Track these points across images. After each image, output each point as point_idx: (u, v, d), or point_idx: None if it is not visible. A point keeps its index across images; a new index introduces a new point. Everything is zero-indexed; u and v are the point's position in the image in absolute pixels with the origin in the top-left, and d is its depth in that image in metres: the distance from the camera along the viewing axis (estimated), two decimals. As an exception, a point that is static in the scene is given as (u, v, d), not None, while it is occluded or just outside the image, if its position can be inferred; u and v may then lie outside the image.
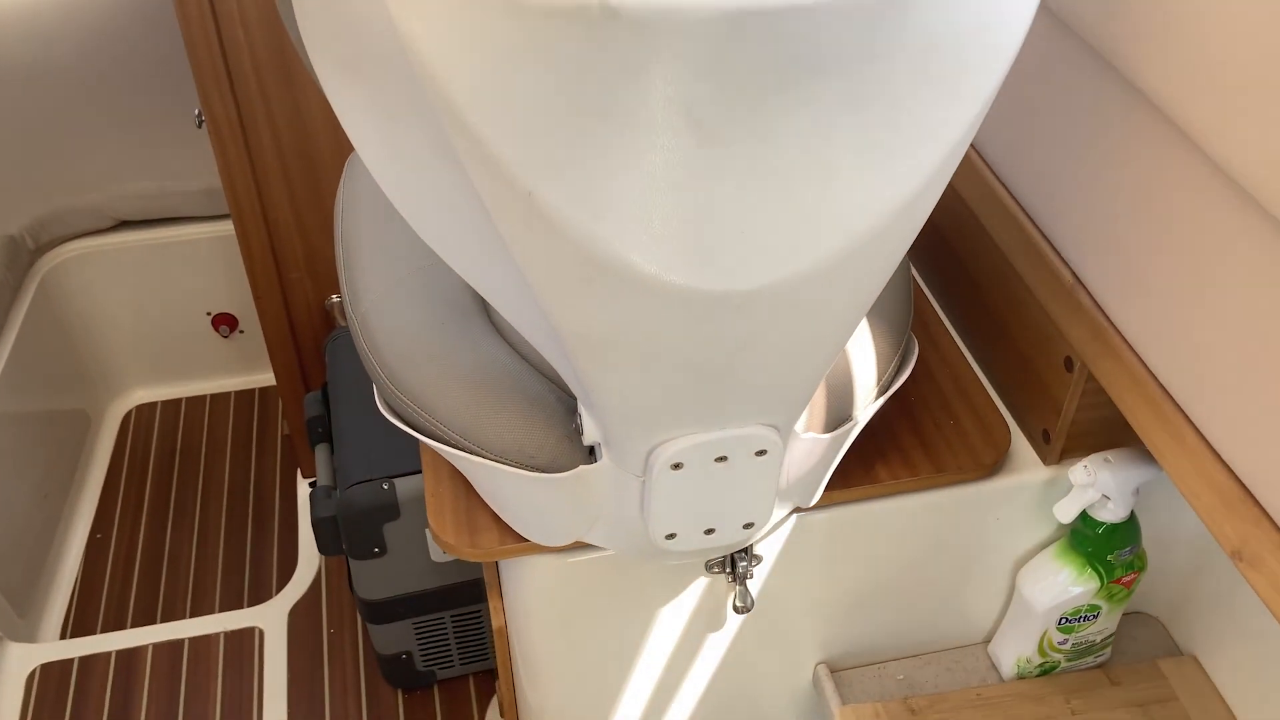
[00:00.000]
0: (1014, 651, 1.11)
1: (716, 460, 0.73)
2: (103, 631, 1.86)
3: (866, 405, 0.87)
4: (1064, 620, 1.06)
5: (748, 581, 0.96)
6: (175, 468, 2.26)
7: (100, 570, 2.01)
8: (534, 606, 0.99)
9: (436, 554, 1.51)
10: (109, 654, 1.75)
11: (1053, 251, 0.93)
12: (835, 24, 0.50)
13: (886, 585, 1.10)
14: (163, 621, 1.87)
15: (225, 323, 2.38)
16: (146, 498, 2.19)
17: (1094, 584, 1.03)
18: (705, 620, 1.05)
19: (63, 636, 1.87)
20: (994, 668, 1.15)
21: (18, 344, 2.00)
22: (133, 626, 1.86)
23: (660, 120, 0.54)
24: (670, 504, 0.77)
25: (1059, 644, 1.09)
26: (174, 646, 1.77)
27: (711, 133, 0.55)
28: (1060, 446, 1.01)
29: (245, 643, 1.78)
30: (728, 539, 0.81)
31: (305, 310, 1.86)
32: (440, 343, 0.86)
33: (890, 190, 0.60)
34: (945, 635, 1.16)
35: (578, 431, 0.79)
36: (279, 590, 1.93)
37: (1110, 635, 1.11)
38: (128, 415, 2.41)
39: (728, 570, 0.98)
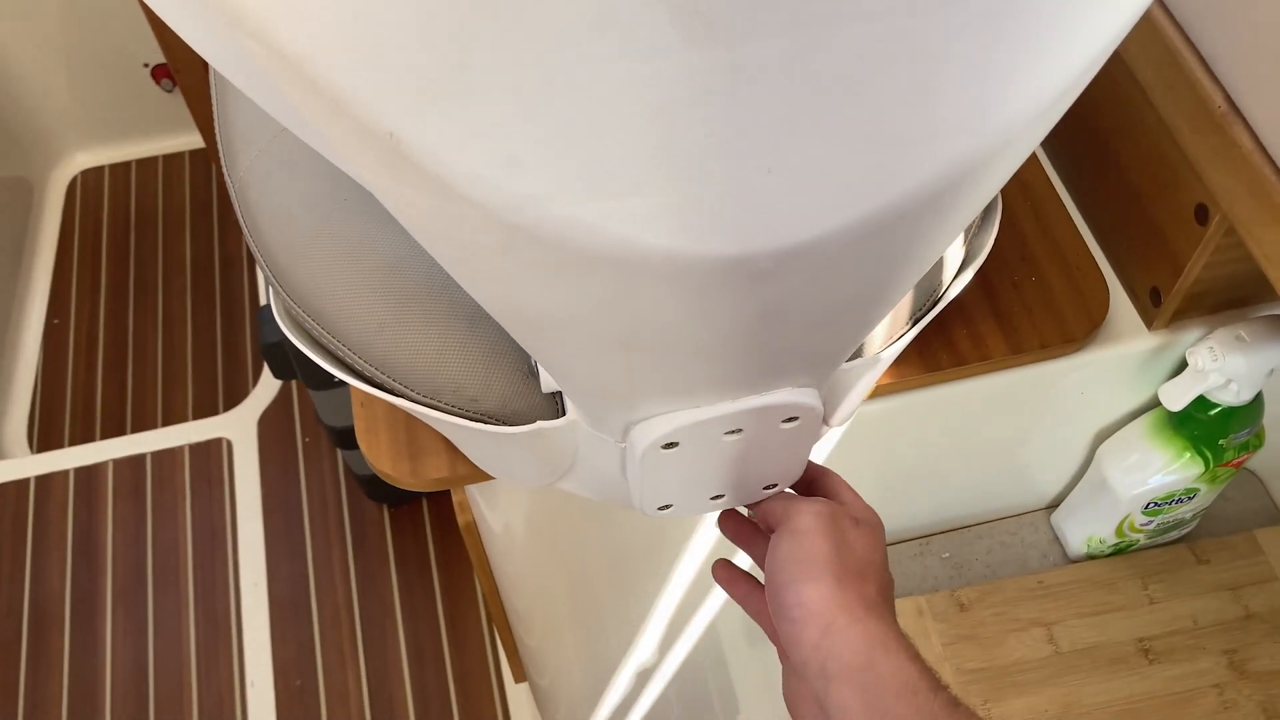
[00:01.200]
0: (1085, 529, 0.93)
1: (728, 434, 0.51)
2: (70, 436, 1.71)
3: (947, 288, 0.63)
4: (1151, 505, 0.87)
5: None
6: (131, 241, 2.04)
7: (61, 362, 1.84)
8: (503, 531, 0.81)
9: (408, 378, 1.32)
10: (66, 473, 1.61)
11: (1199, 65, 0.66)
12: None
13: (935, 464, 0.90)
14: (134, 422, 1.72)
15: (166, 75, 2.08)
16: (104, 277, 1.99)
17: (1196, 469, 0.83)
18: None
19: (29, 439, 1.73)
20: (1057, 541, 0.97)
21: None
22: (102, 433, 1.71)
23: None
24: (662, 482, 0.55)
25: (1142, 525, 0.90)
26: (135, 463, 1.62)
27: (714, 23, 0.29)
28: (1173, 309, 0.78)
29: (212, 456, 1.63)
30: (742, 501, 0.60)
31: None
32: (344, 228, 0.62)
33: (1034, 78, 0.35)
34: (1001, 505, 0.98)
35: (532, 373, 0.57)
36: (256, 381, 1.76)
37: (1203, 509, 0.92)
38: (73, 182, 2.16)
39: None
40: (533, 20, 0.29)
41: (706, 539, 0.88)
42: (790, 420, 0.52)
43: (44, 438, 1.74)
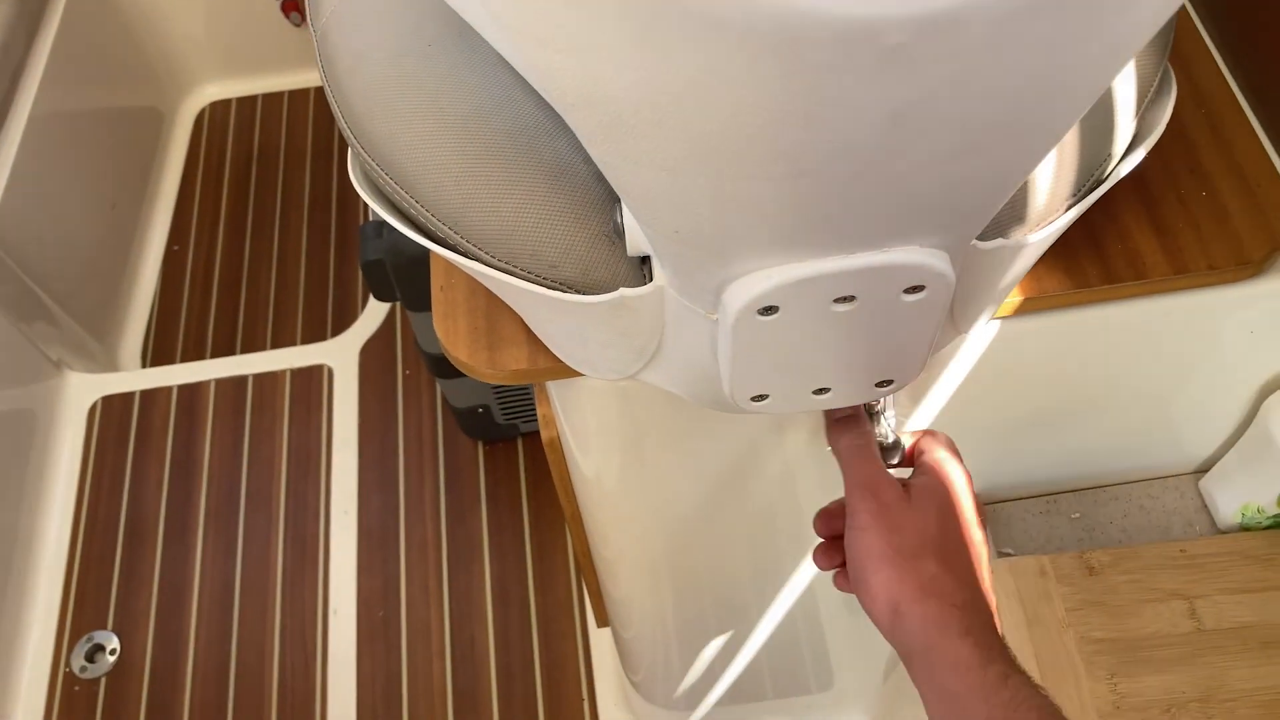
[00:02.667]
0: (1241, 496, 0.83)
1: (837, 302, 0.44)
2: (182, 359, 1.72)
3: (1116, 164, 0.54)
4: (1325, 469, 0.76)
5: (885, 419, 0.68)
6: (252, 175, 2.05)
7: (178, 288, 1.85)
8: (587, 436, 0.74)
9: (507, 305, 1.26)
10: (170, 389, 1.61)
11: None
12: None
13: (1070, 407, 0.81)
14: (243, 348, 1.72)
15: (295, 8, 2.07)
16: (223, 208, 2.00)
17: (1384, 428, 0.72)
18: (813, 444, 0.78)
19: (143, 357, 1.74)
20: (1205, 509, 0.87)
21: (63, 29, 1.74)
22: (212, 355, 1.72)
23: None
24: (757, 361, 0.48)
25: (1309, 494, 0.79)
26: (238, 384, 1.61)
27: None
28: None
29: (313, 382, 1.61)
30: (849, 399, 0.53)
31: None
32: (424, 74, 0.56)
33: None
34: (1143, 464, 0.88)
35: (618, 233, 0.50)
36: (362, 311, 1.74)
37: (1382, 482, 0.81)
38: (200, 114, 2.18)
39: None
40: None
41: (808, 492, 0.80)
42: (914, 291, 0.44)
43: (157, 357, 1.75)
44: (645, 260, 0.52)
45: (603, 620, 1.36)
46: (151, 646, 1.41)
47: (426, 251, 0.58)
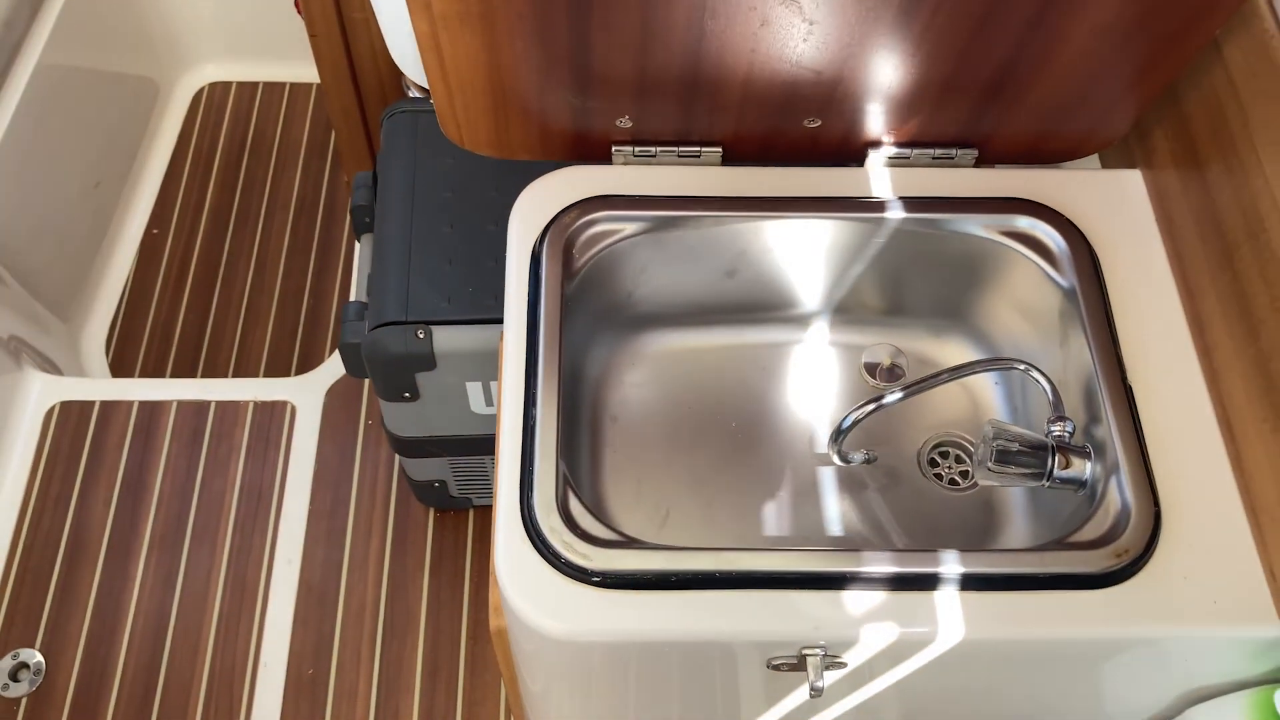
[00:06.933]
0: (1152, 780, 0.85)
1: None
2: (146, 353, 1.71)
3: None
4: (1235, 785, 0.79)
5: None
6: (243, 164, 2.02)
7: (153, 273, 1.83)
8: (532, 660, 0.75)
9: (479, 405, 1.27)
10: (131, 404, 1.60)
11: None
12: None
13: (1007, 678, 0.83)
14: (209, 352, 1.71)
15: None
16: (209, 196, 1.97)
17: (1296, 769, 0.75)
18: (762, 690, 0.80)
19: (107, 345, 1.73)
20: (1119, 776, 0.90)
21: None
22: (178, 353, 1.71)
23: None
24: None
25: (1216, 796, 0.82)
26: (200, 408, 1.60)
27: None
28: (1313, 608, 0.69)
29: (275, 418, 1.60)
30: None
31: (371, 60, 1.52)
32: None
33: None
34: (1066, 724, 0.90)
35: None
36: (333, 347, 1.74)
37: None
38: (199, 93, 2.14)
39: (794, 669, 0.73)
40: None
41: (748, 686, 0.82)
42: None
43: (120, 348, 1.74)
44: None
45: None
46: (78, 672, 1.41)
47: (403, 352, 0.58)
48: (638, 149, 0.90)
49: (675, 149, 0.90)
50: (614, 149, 0.90)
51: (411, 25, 0.75)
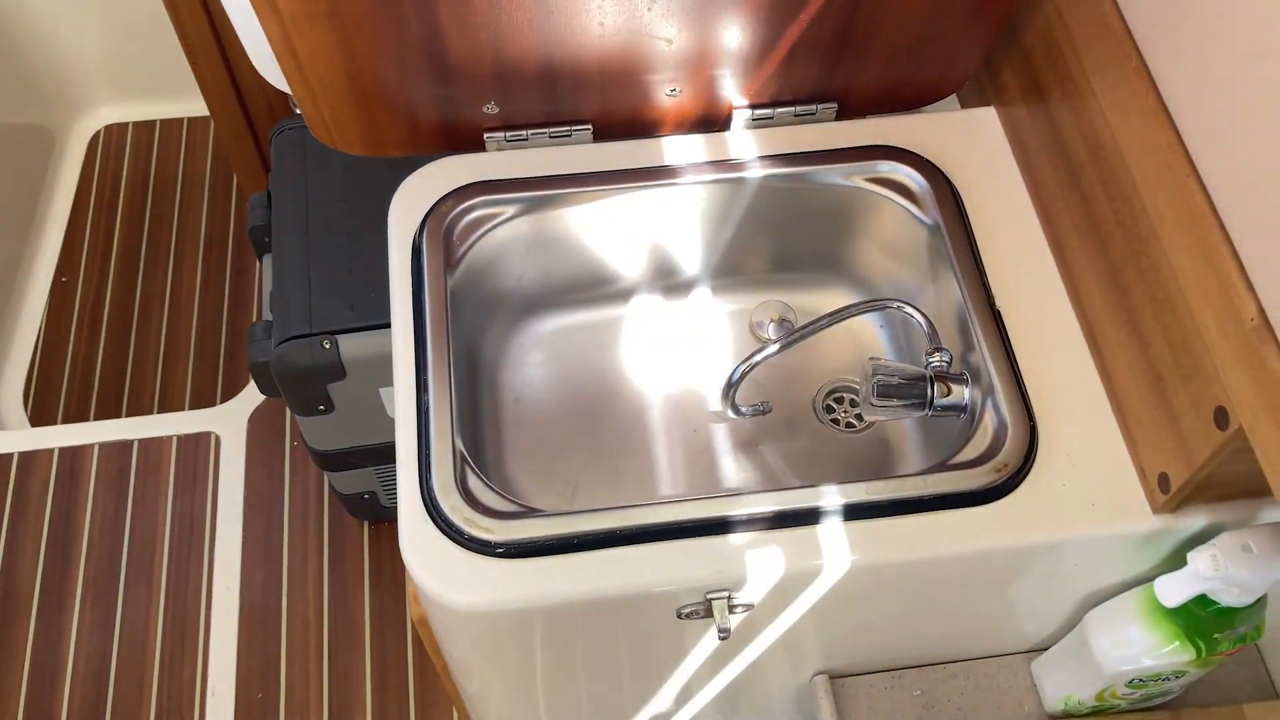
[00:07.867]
0: (1064, 688, 0.89)
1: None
2: (67, 401, 1.69)
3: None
4: (1136, 680, 0.83)
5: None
6: (148, 204, 2.01)
7: (65, 321, 1.81)
8: (463, 645, 0.77)
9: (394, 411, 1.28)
10: (51, 451, 1.59)
11: (1236, 268, 0.61)
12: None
13: (914, 602, 0.86)
14: (131, 396, 1.70)
15: (197, 37, 2.03)
16: (116, 239, 1.96)
17: (1187, 656, 0.78)
18: (671, 640, 0.82)
19: (25, 397, 1.71)
20: (1034, 689, 0.93)
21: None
22: (99, 398, 1.69)
23: None
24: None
25: (1124, 694, 0.86)
26: (123, 448, 1.59)
27: None
28: (1180, 499, 0.73)
29: (200, 450, 1.60)
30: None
31: (256, 80, 1.52)
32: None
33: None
34: (979, 646, 0.93)
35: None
36: (251, 382, 1.73)
37: (1192, 682, 0.87)
38: (95, 136, 2.13)
39: (703, 615, 0.75)
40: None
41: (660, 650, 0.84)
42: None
43: (40, 398, 1.72)
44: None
45: None
46: (21, 724, 1.40)
47: (311, 364, 0.59)
48: (509, 134, 0.92)
49: (546, 131, 0.92)
50: (486, 136, 0.92)
51: (263, 30, 0.76)
